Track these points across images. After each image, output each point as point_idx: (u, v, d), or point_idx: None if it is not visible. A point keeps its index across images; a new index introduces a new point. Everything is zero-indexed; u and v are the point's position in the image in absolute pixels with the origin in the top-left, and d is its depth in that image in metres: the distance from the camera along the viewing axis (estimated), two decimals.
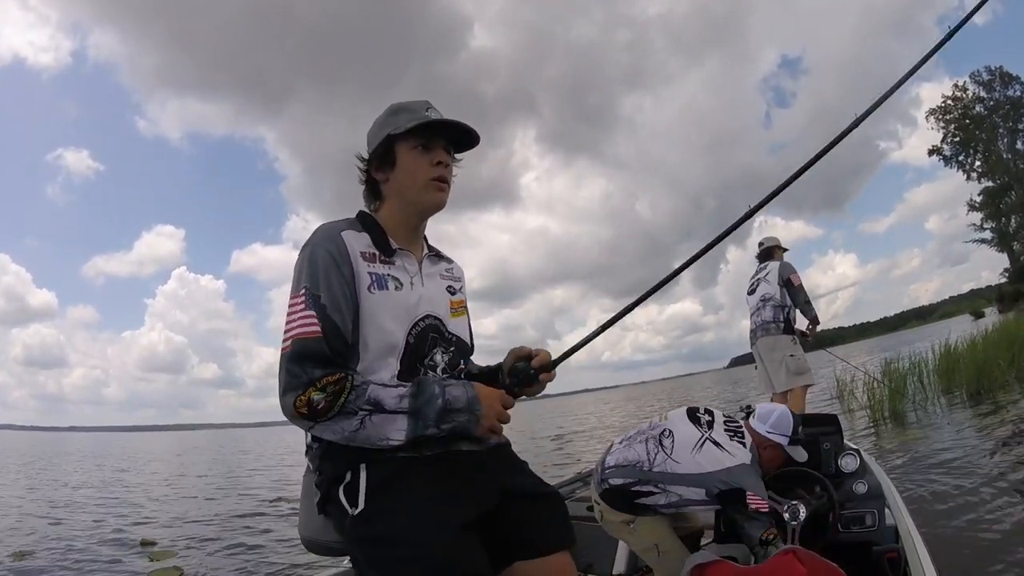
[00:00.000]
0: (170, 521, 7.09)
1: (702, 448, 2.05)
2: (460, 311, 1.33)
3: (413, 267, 1.25)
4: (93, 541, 5.98)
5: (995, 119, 36.97)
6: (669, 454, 2.07)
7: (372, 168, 1.27)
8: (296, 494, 1.35)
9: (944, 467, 4.42)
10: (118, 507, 8.34)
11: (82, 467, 18.06)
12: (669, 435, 2.13)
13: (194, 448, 31.49)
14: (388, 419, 1.09)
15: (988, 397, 7.42)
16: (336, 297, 1.12)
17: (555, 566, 1.19)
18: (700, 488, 2.01)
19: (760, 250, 5.03)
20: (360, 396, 1.08)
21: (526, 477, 1.27)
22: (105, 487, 11.53)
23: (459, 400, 1.12)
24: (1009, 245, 36.67)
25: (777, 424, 2.12)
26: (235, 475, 13.46)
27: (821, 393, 9.78)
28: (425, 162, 1.22)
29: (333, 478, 1.15)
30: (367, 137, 1.29)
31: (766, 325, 4.63)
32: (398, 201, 1.26)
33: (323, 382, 1.06)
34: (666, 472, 2.05)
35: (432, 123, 1.21)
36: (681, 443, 2.09)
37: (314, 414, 1.07)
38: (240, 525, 6.61)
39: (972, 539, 2.97)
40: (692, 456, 2.04)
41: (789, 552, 1.74)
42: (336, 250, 1.15)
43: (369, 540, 1.09)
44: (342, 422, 1.08)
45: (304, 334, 1.09)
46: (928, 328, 43.40)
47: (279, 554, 5.17)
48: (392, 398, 1.10)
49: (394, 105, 1.27)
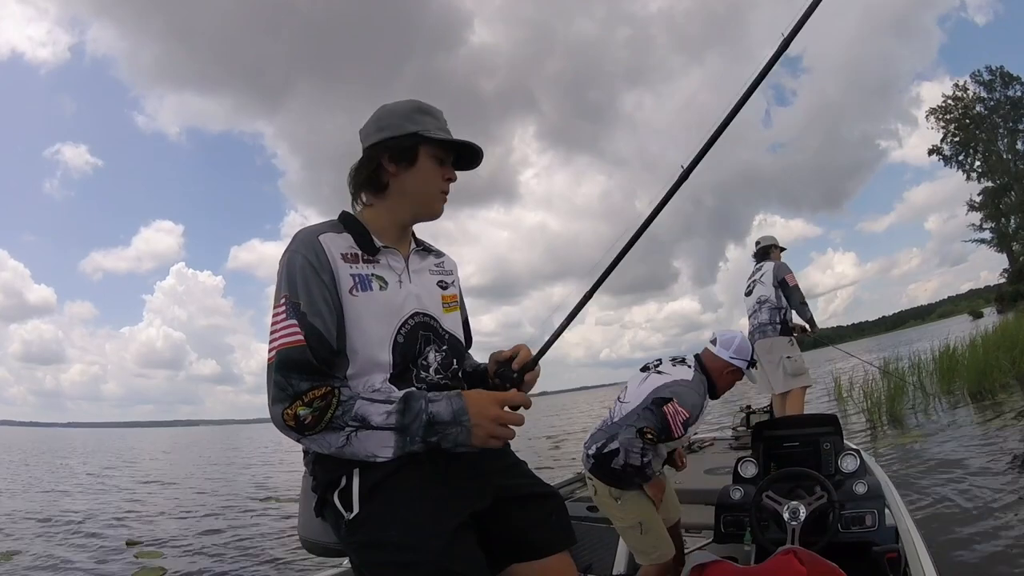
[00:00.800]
0: (157, 520, 7.11)
1: (647, 379, 2.25)
2: (453, 306, 1.30)
3: (399, 264, 1.21)
4: (79, 541, 6.00)
5: (995, 119, 36.99)
6: (623, 400, 2.27)
7: (385, 158, 1.21)
8: (284, 492, 1.34)
9: (945, 470, 4.41)
10: (106, 506, 8.35)
11: (74, 464, 18.08)
12: (624, 388, 2.34)
13: (185, 445, 31.49)
14: (374, 435, 1.07)
15: (989, 399, 7.37)
16: (316, 303, 1.09)
17: (555, 567, 1.18)
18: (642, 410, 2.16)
19: (757, 249, 4.96)
20: (347, 412, 1.06)
21: (524, 477, 1.26)
22: (95, 485, 11.55)
23: (442, 414, 1.08)
24: (1008, 245, 36.69)
25: (739, 350, 2.28)
26: (224, 473, 13.49)
27: (820, 394, 9.77)
28: (439, 174, 1.22)
29: (328, 483, 1.14)
30: (378, 120, 1.23)
31: (763, 327, 4.61)
32: (402, 199, 1.23)
33: (309, 396, 1.05)
34: (622, 415, 2.21)
35: (461, 144, 1.22)
36: (631, 386, 2.29)
37: (301, 428, 1.06)
38: (226, 524, 6.62)
39: (972, 539, 2.98)
40: (638, 388, 2.24)
41: (789, 552, 1.74)
42: (314, 255, 1.12)
43: (364, 544, 1.08)
44: (329, 436, 1.06)
45: (286, 344, 1.07)
46: (927, 328, 43.44)
47: (265, 553, 5.17)
48: (379, 415, 1.07)
49: (417, 103, 1.23)
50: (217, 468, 15.23)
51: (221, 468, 15.17)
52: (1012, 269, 35.90)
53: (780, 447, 2.41)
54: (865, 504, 2.06)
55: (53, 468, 16.63)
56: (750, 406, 5.09)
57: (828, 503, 2.02)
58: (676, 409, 2.11)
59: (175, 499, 9.01)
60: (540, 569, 1.17)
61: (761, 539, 2.07)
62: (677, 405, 2.11)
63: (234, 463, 16.58)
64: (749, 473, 2.38)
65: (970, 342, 9.54)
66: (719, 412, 9.83)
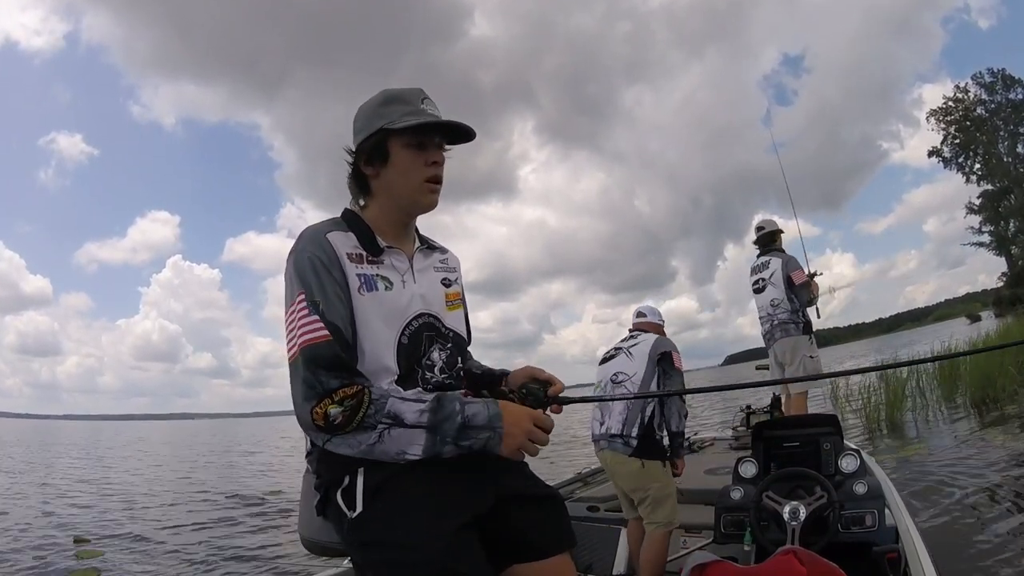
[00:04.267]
0: (114, 517, 7.08)
1: (635, 347, 2.76)
2: (456, 304, 1.30)
3: (403, 264, 1.20)
4: (29, 537, 5.98)
5: (996, 122, 36.92)
6: (617, 381, 2.71)
7: (361, 161, 1.20)
8: (254, 492, 1.33)
9: (949, 479, 4.28)
10: (69, 502, 8.31)
11: (50, 458, 17.97)
12: (607, 375, 2.77)
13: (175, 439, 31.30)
14: (406, 434, 1.05)
15: (995, 407, 6.97)
16: (332, 301, 1.08)
17: (555, 568, 1.18)
18: (664, 378, 2.70)
19: (759, 235, 4.64)
20: (379, 410, 1.04)
21: (525, 478, 1.25)
22: (64, 480, 11.49)
23: (478, 417, 1.07)
24: (1007, 249, 36.64)
25: (659, 314, 2.99)
26: (195, 470, 13.44)
27: (815, 398, 9.64)
28: (420, 162, 1.17)
29: (331, 481, 1.13)
30: (354, 123, 1.21)
31: (784, 326, 4.41)
32: (388, 199, 1.20)
33: (340, 394, 1.03)
34: (636, 388, 2.67)
35: (426, 126, 1.16)
36: (620, 366, 2.74)
37: (331, 428, 1.04)
38: (187, 521, 6.60)
39: (973, 540, 2.97)
40: (632, 362, 2.72)
41: (789, 552, 1.74)
42: (324, 254, 1.11)
43: (367, 543, 1.07)
44: (359, 436, 1.05)
45: (312, 340, 1.05)
46: (924, 330, 43.23)
47: (208, 555, 5.14)
48: (412, 412, 1.05)
49: (386, 92, 1.19)
50: (190, 464, 15.16)
51: (194, 463, 15.10)
52: (1011, 273, 35.89)
53: (780, 447, 2.41)
54: (865, 504, 2.06)
55: (29, 462, 16.52)
56: (750, 406, 5.08)
57: (828, 503, 2.02)
58: (677, 356, 2.73)
59: (143, 494, 8.98)
60: (540, 570, 1.17)
61: (761, 539, 2.07)
62: (675, 352, 2.74)
63: (217, 460, 16.49)
64: (749, 473, 2.38)
65: (971, 346, 9.20)
66: (719, 412, 9.75)
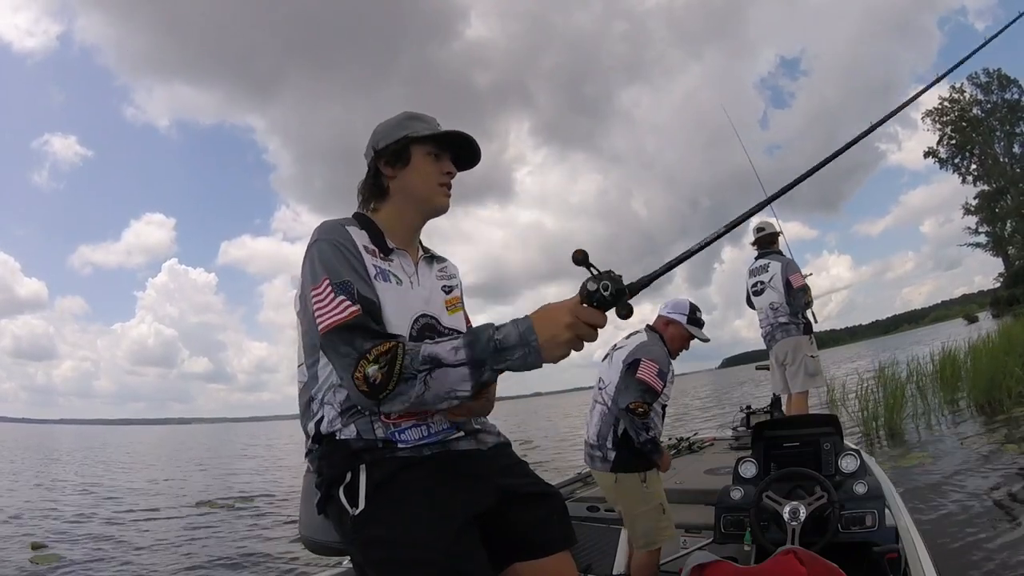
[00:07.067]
0: (79, 521, 7.05)
1: (614, 356, 2.56)
2: (456, 307, 1.34)
3: (410, 267, 1.27)
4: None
5: (992, 122, 37.03)
6: (602, 388, 2.54)
7: (382, 163, 1.28)
8: (230, 497, 1.33)
9: (951, 487, 4.18)
10: (41, 507, 8.27)
11: (37, 463, 17.93)
12: (599, 378, 2.61)
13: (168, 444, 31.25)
14: (449, 372, 1.03)
15: (1000, 410, 6.70)
16: (362, 276, 1.13)
17: (555, 566, 1.19)
18: (623, 388, 2.42)
19: (758, 236, 4.65)
20: (415, 358, 1.03)
21: (526, 477, 1.27)
22: (42, 484, 11.48)
23: (510, 337, 1.02)
24: (1004, 249, 36.75)
25: (674, 306, 2.61)
26: (177, 474, 13.45)
27: (812, 401, 9.46)
28: (437, 168, 1.28)
29: (333, 479, 1.13)
30: (373, 135, 1.31)
31: (785, 327, 4.46)
32: (404, 199, 1.28)
33: (374, 352, 1.03)
34: (612, 398, 2.46)
35: (448, 134, 1.28)
36: (603, 372, 2.58)
37: (374, 389, 1.02)
38: (153, 527, 6.59)
39: (973, 540, 2.98)
40: (610, 370, 2.53)
41: (789, 552, 1.74)
42: (344, 240, 1.17)
43: (369, 541, 1.08)
44: (406, 390, 1.03)
45: (341, 319, 1.07)
46: (921, 332, 43.22)
47: (197, 560, 5.13)
48: (447, 351, 1.04)
49: (410, 113, 1.32)
50: (171, 468, 15.17)
51: (177, 468, 15.09)
52: (1008, 273, 35.99)
53: (780, 447, 2.41)
54: (865, 504, 2.06)
55: (17, 466, 16.49)
56: (750, 406, 5.08)
57: (828, 503, 2.02)
58: (646, 364, 2.40)
59: (115, 497, 8.97)
60: (541, 568, 1.18)
61: (761, 539, 2.07)
62: (645, 359, 2.41)
63: (205, 464, 16.43)
64: (749, 473, 2.39)
65: (971, 347, 9.04)
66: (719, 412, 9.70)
